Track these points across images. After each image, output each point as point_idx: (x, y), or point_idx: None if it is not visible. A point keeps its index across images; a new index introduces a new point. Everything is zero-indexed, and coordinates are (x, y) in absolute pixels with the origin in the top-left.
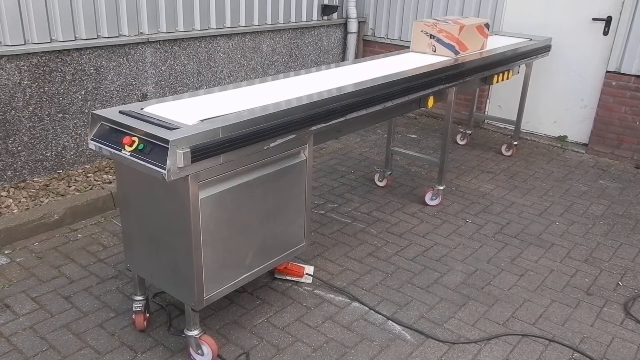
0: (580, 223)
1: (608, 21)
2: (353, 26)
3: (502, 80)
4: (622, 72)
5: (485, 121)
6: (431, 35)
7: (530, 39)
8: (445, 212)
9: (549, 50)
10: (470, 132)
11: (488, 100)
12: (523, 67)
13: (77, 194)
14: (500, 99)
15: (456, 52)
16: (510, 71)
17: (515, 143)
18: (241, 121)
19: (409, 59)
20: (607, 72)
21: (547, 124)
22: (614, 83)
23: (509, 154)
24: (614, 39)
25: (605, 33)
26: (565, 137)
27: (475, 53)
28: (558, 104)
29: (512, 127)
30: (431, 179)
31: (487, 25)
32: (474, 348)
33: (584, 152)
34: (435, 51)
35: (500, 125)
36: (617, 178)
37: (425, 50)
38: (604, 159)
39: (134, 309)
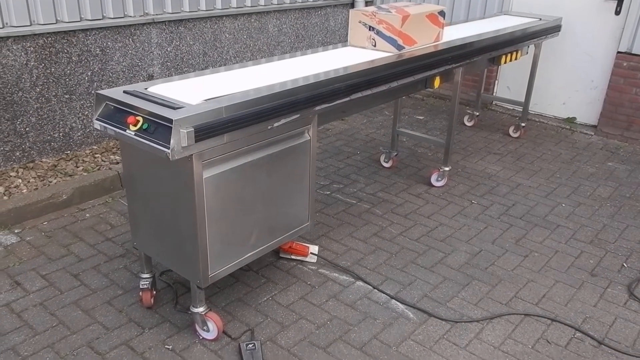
0: (586, 205)
1: (620, 1)
2: (360, 6)
3: (511, 60)
4: (633, 52)
5: (494, 102)
6: (370, 27)
7: (540, 19)
8: (450, 193)
9: (559, 31)
10: (477, 114)
11: (496, 82)
12: (532, 48)
13: (85, 174)
14: (509, 80)
15: (399, 47)
16: (519, 51)
17: (523, 125)
18: (245, 101)
19: (343, 54)
20: (618, 52)
21: (556, 105)
22: (624, 64)
23: (516, 135)
24: (626, 18)
25: (617, 13)
26: (574, 118)
27: (427, 46)
28: (567, 85)
29: (520, 109)
30: (437, 160)
31: (441, 13)
32: (476, 327)
33: (592, 133)
34: (375, 46)
35: (509, 107)
36: (626, 160)
37: (364, 45)
38: (613, 141)
39: (141, 287)
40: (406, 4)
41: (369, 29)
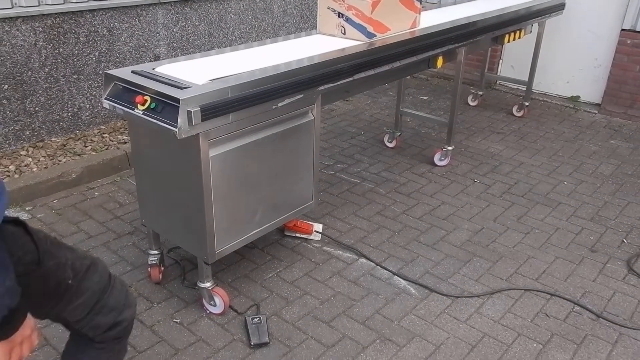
0: (588, 182)
1: None
2: None
3: (514, 39)
4: (637, 30)
5: (497, 82)
6: (339, 13)
7: None
8: (453, 172)
9: (563, 9)
10: (481, 93)
11: (500, 61)
12: (536, 26)
13: (94, 153)
14: (513, 60)
15: (370, 35)
16: (522, 30)
17: (526, 104)
18: (250, 81)
19: (310, 43)
20: (622, 30)
21: (560, 84)
22: (629, 41)
23: (520, 114)
24: None
25: None
26: (578, 97)
27: (402, 34)
28: (571, 64)
29: (524, 88)
30: (441, 140)
31: None
32: (476, 302)
33: (596, 112)
34: (345, 33)
35: (513, 86)
36: (629, 138)
37: (333, 32)
38: (617, 119)
39: (149, 263)
40: None
41: (338, 16)
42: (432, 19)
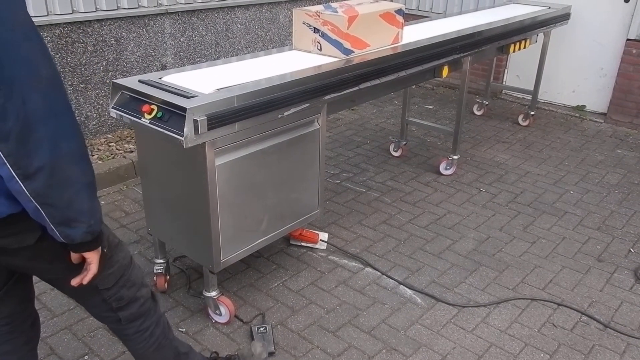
0: (594, 192)
1: None
2: None
3: (519, 49)
4: None
5: (503, 91)
6: (315, 28)
7: (549, 7)
8: (459, 181)
9: (568, 19)
10: (487, 103)
11: (506, 70)
12: (541, 36)
13: (100, 162)
14: (518, 69)
15: (346, 51)
16: (528, 40)
17: (532, 113)
18: (256, 90)
19: (285, 60)
20: (628, 40)
21: (566, 93)
22: (634, 51)
23: (525, 124)
24: (635, 6)
25: (627, 0)
26: (584, 106)
27: (383, 49)
28: (577, 73)
29: (529, 97)
30: (446, 149)
31: (399, 12)
32: (483, 311)
33: (602, 121)
34: (321, 50)
35: (518, 96)
36: (635, 147)
37: (309, 49)
38: (622, 128)
39: (155, 272)
40: (359, 2)
41: (314, 31)
42: (434, 30)
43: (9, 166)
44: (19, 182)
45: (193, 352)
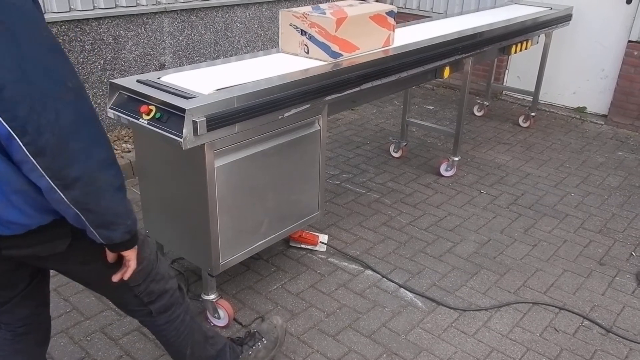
0: (595, 194)
1: None
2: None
3: (521, 50)
4: None
5: (503, 92)
6: (302, 30)
7: (551, 8)
8: (460, 183)
9: (570, 20)
10: (487, 104)
11: (507, 71)
12: (542, 37)
13: None
14: (519, 70)
15: (334, 55)
16: (529, 41)
17: (533, 114)
18: (256, 91)
19: (271, 63)
20: (629, 41)
21: (567, 94)
22: (635, 53)
23: (526, 125)
24: (637, 7)
25: (628, 2)
26: (585, 108)
27: (373, 52)
28: (578, 75)
29: (530, 99)
30: (447, 150)
31: (391, 14)
32: (484, 315)
33: (603, 123)
34: (308, 52)
35: (519, 97)
36: (636, 149)
37: (296, 52)
38: (623, 130)
39: None
40: (350, 3)
41: (301, 33)
42: (435, 31)
43: (47, 178)
44: (59, 192)
45: (218, 335)
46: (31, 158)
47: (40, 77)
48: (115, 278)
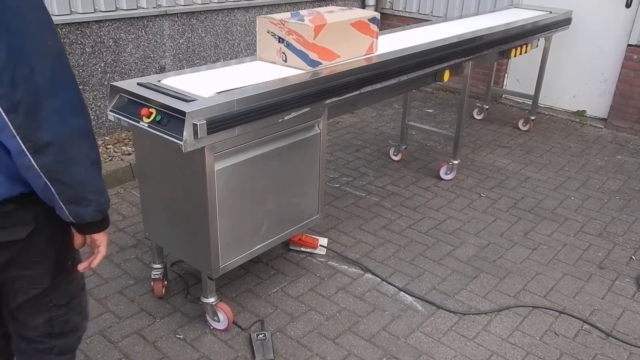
0: (595, 198)
1: None
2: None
3: (521, 54)
4: None
5: (503, 96)
6: (280, 37)
7: (551, 12)
8: (459, 186)
9: (569, 24)
10: (487, 107)
11: (506, 75)
12: (542, 41)
13: None
14: (519, 73)
15: (312, 63)
16: (529, 45)
17: (532, 118)
18: (256, 94)
19: (247, 71)
20: (629, 45)
21: (566, 98)
22: (635, 57)
23: (526, 128)
24: (637, 11)
25: (628, 5)
26: (584, 111)
27: (356, 60)
28: (577, 78)
29: (530, 102)
30: (446, 154)
31: (373, 20)
32: (484, 319)
33: (602, 126)
34: (286, 61)
35: (518, 100)
36: (636, 153)
37: (274, 59)
38: (623, 134)
39: (152, 277)
40: (331, 10)
41: (279, 41)
42: (435, 34)
43: (18, 139)
44: (29, 156)
45: None
46: (3, 114)
47: (20, 30)
48: (81, 267)
